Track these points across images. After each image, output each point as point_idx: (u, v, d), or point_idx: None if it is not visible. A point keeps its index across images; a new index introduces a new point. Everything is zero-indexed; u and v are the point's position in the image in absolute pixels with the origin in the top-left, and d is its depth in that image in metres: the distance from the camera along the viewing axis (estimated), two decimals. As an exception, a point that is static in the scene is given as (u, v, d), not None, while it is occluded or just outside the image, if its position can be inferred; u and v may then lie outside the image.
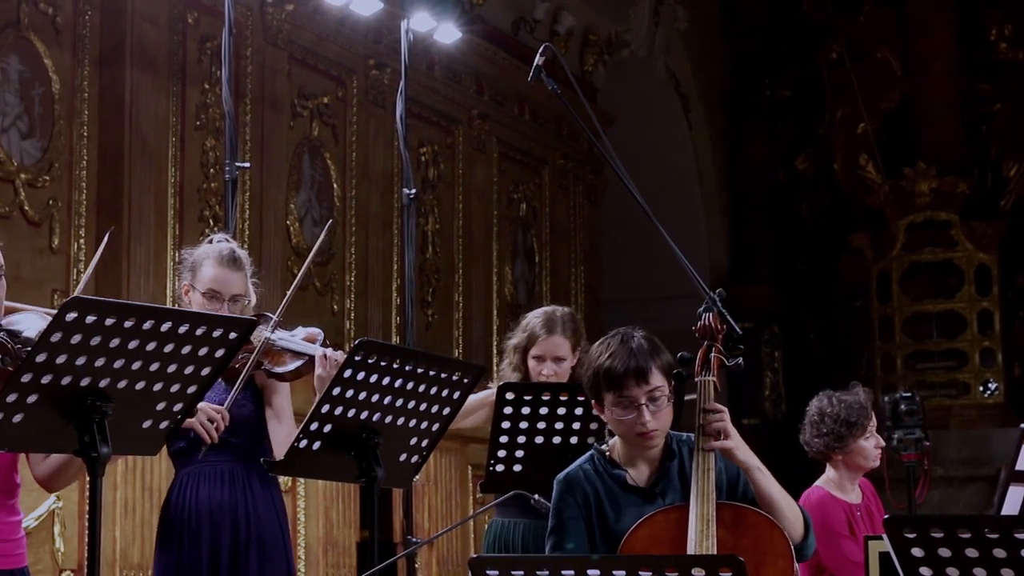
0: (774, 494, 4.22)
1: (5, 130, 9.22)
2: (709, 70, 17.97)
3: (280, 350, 5.19)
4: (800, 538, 4.26)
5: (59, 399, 3.69)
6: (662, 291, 14.99)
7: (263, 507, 5.26)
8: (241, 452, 5.23)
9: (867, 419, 6.45)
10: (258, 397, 5.30)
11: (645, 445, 4.29)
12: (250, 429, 5.27)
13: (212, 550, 5.17)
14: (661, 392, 4.24)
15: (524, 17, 14.44)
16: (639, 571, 3.48)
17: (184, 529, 5.21)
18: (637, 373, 4.22)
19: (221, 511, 5.19)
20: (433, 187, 13.12)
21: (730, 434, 4.22)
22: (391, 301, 12.25)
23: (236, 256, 5.32)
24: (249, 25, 10.80)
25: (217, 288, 5.24)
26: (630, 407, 4.24)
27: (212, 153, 10.39)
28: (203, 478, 5.22)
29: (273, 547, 5.26)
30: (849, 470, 6.52)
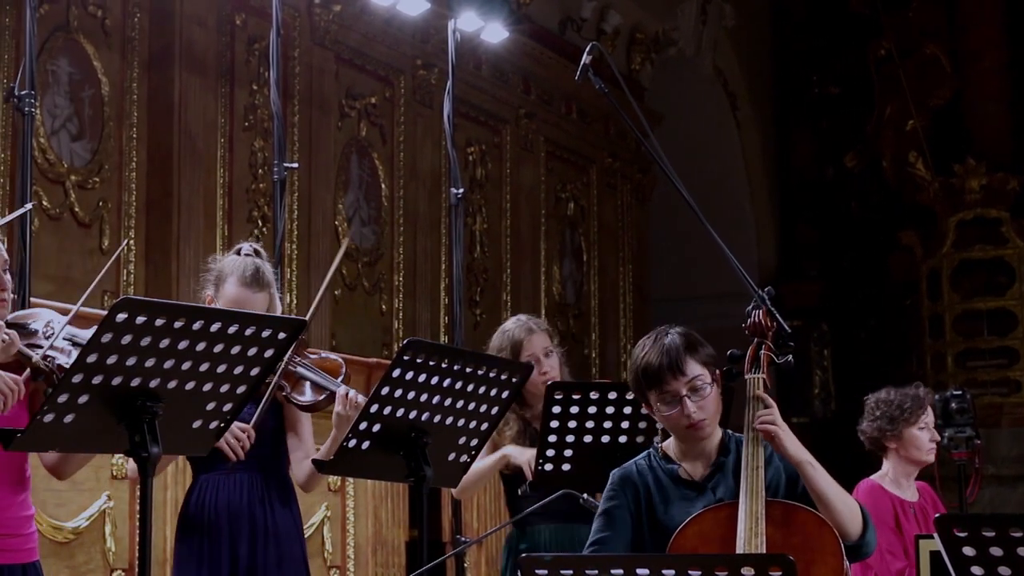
0: (827, 490, 4.19)
1: (55, 132, 9.27)
2: (757, 67, 17.92)
3: (301, 378, 5.16)
4: (858, 534, 4.22)
5: (110, 399, 3.71)
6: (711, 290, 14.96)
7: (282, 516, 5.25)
8: (260, 463, 5.22)
9: (920, 408, 6.48)
10: (278, 411, 5.29)
11: (696, 436, 4.30)
12: (269, 441, 5.25)
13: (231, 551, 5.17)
14: (702, 381, 4.25)
15: (571, 16, 14.43)
16: (689, 570, 3.48)
17: (204, 529, 5.20)
18: (672, 366, 4.24)
19: (240, 516, 5.18)
20: (481, 187, 13.12)
21: (778, 426, 4.21)
22: (439, 301, 12.26)
23: (259, 276, 5.23)
24: (296, 26, 10.83)
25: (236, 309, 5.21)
26: (673, 401, 4.26)
27: (260, 154, 10.42)
28: (222, 485, 5.22)
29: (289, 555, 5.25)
30: (903, 463, 6.52)
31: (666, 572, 3.47)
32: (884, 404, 6.54)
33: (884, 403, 6.54)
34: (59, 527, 7.33)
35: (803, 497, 4.24)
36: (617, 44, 15.03)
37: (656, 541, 4.26)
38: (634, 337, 14.54)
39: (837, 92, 18.27)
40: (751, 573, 3.47)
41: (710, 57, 16.84)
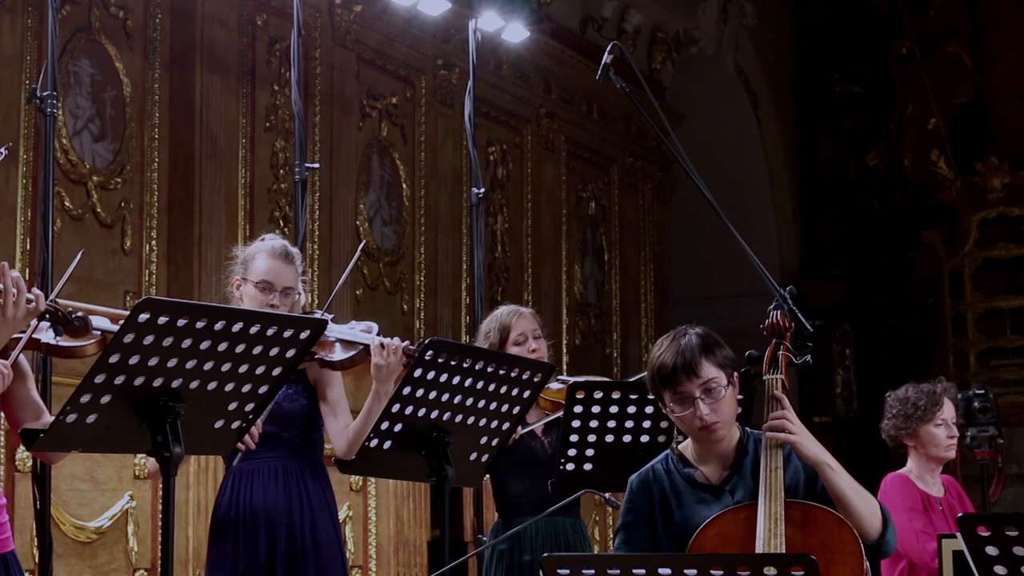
0: (846, 490, 4.17)
1: (77, 133, 9.29)
2: (778, 66, 17.90)
3: (332, 341, 5.21)
4: (878, 534, 4.20)
5: (132, 399, 3.72)
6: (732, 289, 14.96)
7: (318, 505, 5.27)
8: (293, 447, 5.24)
9: (936, 405, 6.47)
10: (310, 391, 5.31)
11: (709, 439, 4.28)
12: (302, 423, 5.27)
13: (268, 555, 5.18)
14: (717, 383, 4.22)
15: (592, 15, 14.43)
16: (711, 569, 3.47)
17: (239, 530, 5.21)
18: (686, 368, 4.21)
19: (276, 512, 5.19)
20: (502, 186, 13.12)
21: (793, 430, 4.19)
22: (460, 300, 12.26)
23: (288, 251, 5.36)
24: (317, 26, 10.84)
25: (270, 279, 5.26)
26: (686, 402, 4.23)
27: (282, 154, 10.44)
28: (256, 475, 5.22)
29: (329, 552, 5.26)
30: (924, 460, 6.52)
31: (688, 572, 3.47)
32: (900, 402, 6.54)
33: (900, 401, 6.54)
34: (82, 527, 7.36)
35: (822, 497, 4.22)
36: (638, 43, 15.02)
37: (673, 544, 4.25)
38: (655, 337, 14.52)
39: (859, 91, 18.25)
40: (773, 573, 3.47)
41: (731, 56, 16.82)
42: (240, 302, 5.31)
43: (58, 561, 6.74)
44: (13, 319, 3.90)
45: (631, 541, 4.32)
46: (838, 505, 4.17)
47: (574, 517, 6.26)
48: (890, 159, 18.01)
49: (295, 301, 5.38)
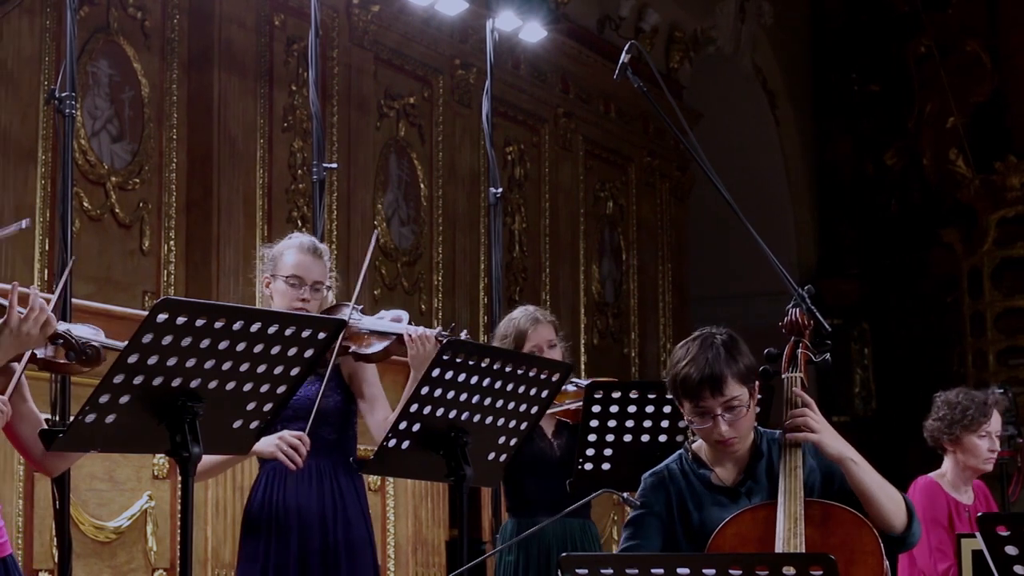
0: (870, 484, 4.15)
1: (96, 134, 9.31)
2: (796, 65, 17.87)
3: (365, 333, 5.20)
4: (903, 527, 4.19)
5: (151, 399, 3.72)
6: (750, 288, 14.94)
7: (350, 503, 5.27)
8: (328, 444, 5.23)
9: (984, 416, 6.42)
10: (345, 388, 5.31)
11: (724, 452, 4.27)
12: (337, 421, 5.27)
13: (301, 554, 5.18)
14: (739, 402, 4.18)
15: (609, 15, 14.42)
16: (730, 569, 3.47)
17: (272, 529, 5.21)
18: (712, 384, 4.15)
19: (309, 512, 5.20)
20: (520, 186, 13.12)
21: (815, 427, 4.18)
22: (478, 300, 12.26)
23: (317, 246, 5.39)
24: (335, 27, 10.85)
25: (300, 274, 5.27)
26: (706, 416, 4.19)
27: (300, 154, 10.45)
28: (289, 475, 5.22)
29: (361, 548, 5.26)
30: (961, 468, 6.48)
31: (707, 571, 3.47)
32: (948, 406, 6.47)
33: (949, 404, 6.48)
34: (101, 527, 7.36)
35: (839, 496, 4.21)
36: (655, 43, 15.01)
37: (692, 547, 4.24)
38: (674, 336, 14.52)
39: (877, 90, 18.21)
40: (792, 572, 3.46)
41: (749, 55, 16.80)
42: (271, 300, 5.32)
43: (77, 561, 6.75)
44: (28, 336, 3.89)
45: (642, 536, 4.31)
46: (862, 499, 4.15)
47: (584, 518, 6.25)
48: (908, 158, 17.97)
49: (324, 297, 5.38)
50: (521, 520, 6.15)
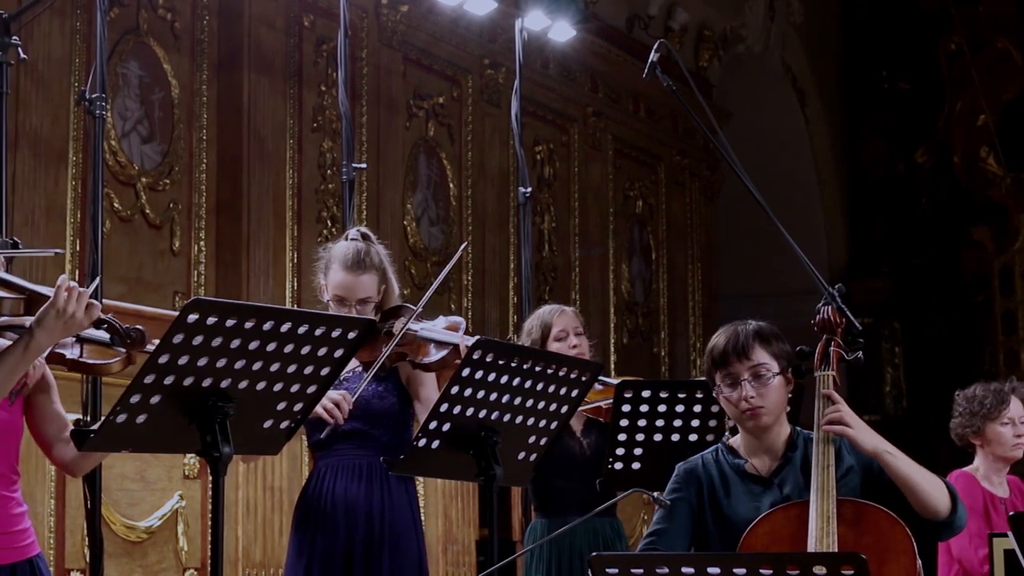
0: (910, 473, 4.16)
1: (126, 135, 9.34)
2: (825, 63, 17.82)
3: (423, 340, 5.19)
4: (948, 511, 4.19)
5: (181, 400, 3.73)
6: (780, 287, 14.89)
7: (398, 500, 5.27)
8: (381, 446, 5.22)
9: (1003, 404, 6.44)
10: (402, 391, 5.30)
11: (753, 424, 4.28)
12: (392, 423, 5.26)
13: (347, 543, 5.19)
14: (766, 369, 4.26)
15: (638, 14, 14.41)
16: (760, 568, 3.46)
17: (319, 519, 5.22)
18: (737, 349, 4.28)
19: (356, 505, 5.21)
20: (549, 185, 13.12)
21: (850, 422, 4.19)
22: (508, 300, 12.26)
23: (361, 259, 5.26)
24: (364, 27, 10.86)
25: (342, 294, 5.23)
26: (734, 384, 4.27)
27: (329, 155, 10.46)
28: (341, 471, 5.23)
29: (406, 539, 5.26)
30: (991, 459, 6.49)
31: (737, 571, 3.46)
32: (967, 400, 6.52)
33: (967, 399, 6.52)
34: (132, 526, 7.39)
35: (886, 488, 4.21)
36: (685, 41, 14.99)
37: (721, 535, 4.27)
38: (703, 335, 14.50)
39: (907, 87, 18.14)
40: (823, 572, 3.45)
41: (778, 53, 16.76)
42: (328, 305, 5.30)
43: (109, 560, 6.77)
44: (73, 318, 3.91)
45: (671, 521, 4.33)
46: (904, 489, 4.15)
47: (611, 516, 6.25)
48: (939, 156, 17.91)
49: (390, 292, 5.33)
50: (550, 520, 6.15)
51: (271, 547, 8.02)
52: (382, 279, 5.32)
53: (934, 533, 4.26)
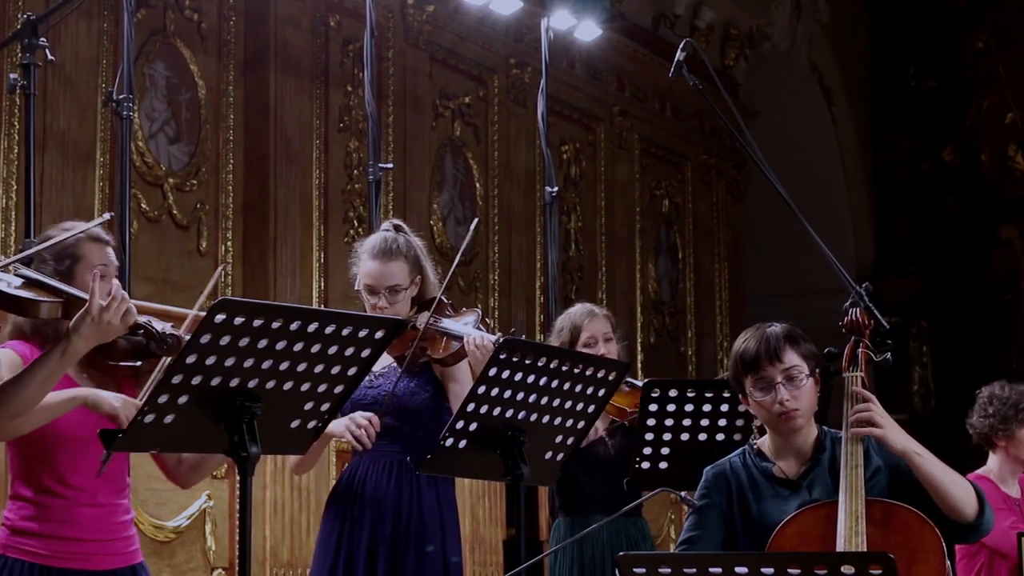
0: (938, 474, 4.15)
1: (153, 135, 9.37)
2: (852, 62, 17.78)
3: (439, 335, 5.20)
4: (975, 513, 4.17)
5: (209, 400, 3.73)
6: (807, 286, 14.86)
7: (427, 499, 5.27)
8: (413, 441, 5.23)
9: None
10: (437, 385, 5.31)
11: (788, 427, 4.26)
12: (422, 417, 5.26)
13: (371, 539, 5.19)
14: (799, 371, 4.23)
15: (664, 13, 14.39)
16: (788, 568, 3.45)
17: (347, 514, 5.24)
18: (770, 353, 4.23)
19: (384, 502, 5.21)
20: (575, 185, 13.12)
21: (879, 422, 4.17)
22: (535, 299, 12.26)
23: (388, 247, 5.29)
24: (390, 27, 10.87)
25: (371, 283, 5.26)
26: (767, 388, 4.24)
27: (355, 155, 10.47)
28: (373, 467, 5.24)
29: (433, 540, 5.27)
30: (1011, 461, 6.46)
31: (765, 570, 3.46)
32: (998, 401, 6.44)
33: (998, 400, 6.45)
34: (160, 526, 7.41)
35: (913, 488, 4.19)
36: (711, 40, 14.97)
37: (750, 539, 4.24)
38: (730, 334, 14.48)
39: (934, 86, 18.09)
40: (851, 572, 3.44)
41: (805, 52, 16.73)
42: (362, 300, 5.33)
43: (137, 560, 6.79)
44: (109, 325, 3.94)
45: (702, 527, 4.31)
46: (931, 490, 4.13)
47: (636, 516, 6.24)
48: (966, 154, 17.85)
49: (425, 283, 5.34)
50: (575, 519, 6.14)
51: (299, 547, 8.03)
52: (414, 268, 5.33)
53: (961, 535, 4.24)
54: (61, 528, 4.19)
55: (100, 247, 4.27)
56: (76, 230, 4.25)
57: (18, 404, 3.97)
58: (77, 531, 4.20)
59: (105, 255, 4.26)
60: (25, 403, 3.97)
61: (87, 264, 4.19)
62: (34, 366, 3.98)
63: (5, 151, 8.58)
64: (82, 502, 4.21)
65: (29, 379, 3.96)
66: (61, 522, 4.19)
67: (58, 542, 4.18)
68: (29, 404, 3.99)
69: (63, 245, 4.21)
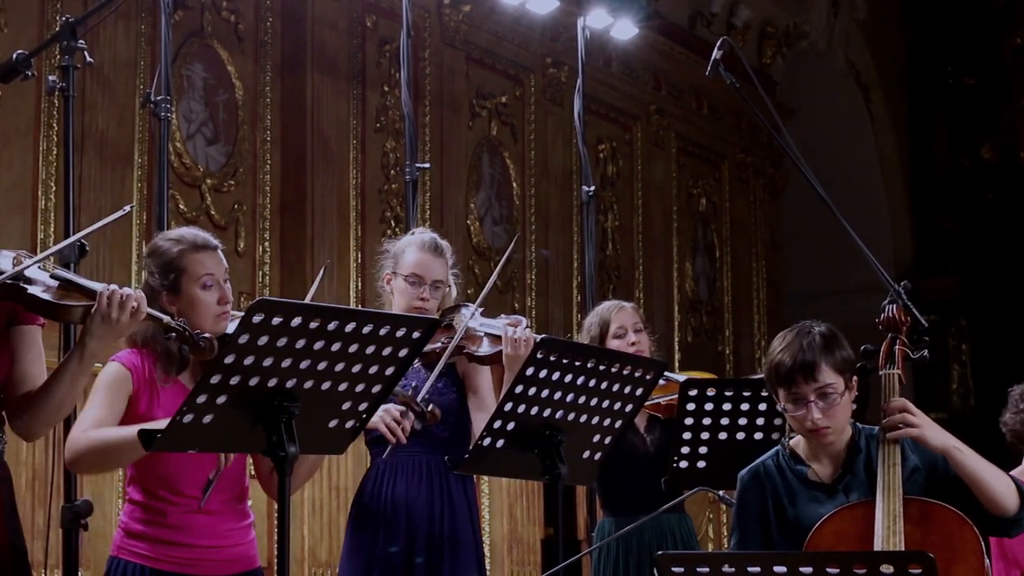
0: (979, 469, 4.11)
1: (191, 137, 9.40)
2: (890, 59, 17.71)
3: (481, 335, 5.21)
4: (1017, 507, 4.14)
5: (247, 400, 3.74)
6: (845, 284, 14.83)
7: (458, 500, 5.28)
8: (441, 442, 5.23)
9: None
10: (460, 386, 5.32)
11: (818, 442, 4.23)
12: (452, 418, 5.27)
13: (408, 542, 5.20)
14: (833, 390, 4.15)
15: (701, 11, 14.37)
16: (827, 567, 3.44)
17: (379, 522, 5.23)
18: (805, 370, 4.14)
19: (418, 508, 5.21)
20: (612, 184, 13.11)
21: (915, 422, 4.14)
22: (572, 299, 12.26)
23: (438, 244, 5.36)
24: (427, 27, 10.88)
25: (420, 272, 5.27)
26: (800, 403, 4.17)
27: (392, 155, 10.49)
28: (400, 470, 5.24)
29: (465, 541, 5.27)
30: None
31: (804, 570, 3.44)
32: None
33: None
34: (199, 526, 7.40)
35: (941, 495, 4.17)
36: (748, 38, 14.94)
37: (786, 543, 4.21)
38: (768, 333, 14.45)
39: (972, 83, 18.01)
40: (890, 571, 3.43)
41: (842, 50, 16.68)
42: (391, 297, 5.34)
43: (176, 560, 6.80)
44: (118, 322, 3.97)
45: (746, 539, 4.29)
46: (972, 486, 4.10)
47: (680, 512, 6.23)
48: (1005, 152, 17.77)
49: (446, 294, 5.38)
50: (617, 518, 6.14)
51: (336, 546, 8.04)
52: (450, 272, 5.37)
53: (1002, 529, 4.22)
54: (171, 533, 4.22)
55: (202, 257, 4.28)
56: (96, 225, 4.29)
57: (50, 409, 4.05)
58: (187, 537, 4.23)
59: (206, 266, 4.26)
60: (58, 408, 4.06)
61: (191, 276, 4.22)
62: (58, 372, 4.04)
63: (44, 153, 8.62)
64: (192, 508, 4.24)
65: (56, 386, 4.04)
66: (171, 528, 4.23)
67: (167, 547, 4.22)
68: (62, 406, 4.07)
69: (167, 259, 4.24)
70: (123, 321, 3.97)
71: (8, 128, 8.52)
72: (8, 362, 4.06)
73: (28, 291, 3.95)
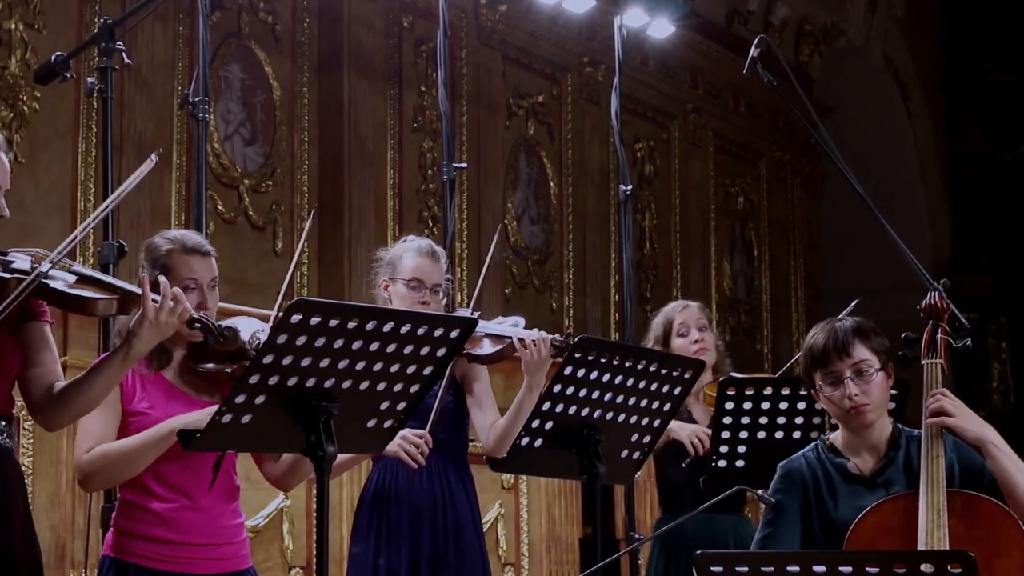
0: (1011, 468, 4.09)
1: (229, 137, 9.42)
2: (928, 57, 17.64)
3: (480, 336, 5.22)
4: None
5: (286, 400, 3.74)
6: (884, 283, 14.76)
7: (459, 496, 5.29)
8: (439, 444, 5.24)
9: None
10: (457, 388, 5.34)
11: (858, 422, 4.22)
12: (451, 421, 5.30)
13: (411, 558, 5.21)
14: (868, 365, 4.20)
15: (738, 9, 14.34)
16: (866, 567, 3.43)
17: (380, 531, 5.25)
18: (838, 347, 4.21)
19: (420, 506, 5.22)
20: (649, 183, 13.09)
21: (952, 411, 4.12)
22: (609, 298, 12.25)
23: (435, 249, 5.40)
24: (463, 27, 10.89)
25: (420, 277, 5.30)
26: (836, 382, 4.21)
27: (429, 155, 10.50)
28: (401, 470, 5.25)
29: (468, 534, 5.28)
30: None
31: (843, 569, 3.43)
32: None
33: None
34: (238, 526, 7.42)
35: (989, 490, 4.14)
36: (785, 36, 14.90)
37: (827, 537, 4.21)
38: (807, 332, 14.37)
39: (1011, 80, 17.92)
40: (930, 570, 3.41)
41: (880, 47, 16.62)
42: (388, 303, 5.35)
43: (215, 560, 6.82)
44: (166, 324, 3.97)
45: (777, 526, 4.29)
46: (1003, 484, 4.07)
47: (736, 515, 6.22)
48: (1044, 149, 17.69)
49: (440, 300, 5.40)
50: (674, 517, 6.12)
51: (375, 546, 8.03)
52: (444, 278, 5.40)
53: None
54: (163, 532, 4.23)
55: (190, 260, 4.30)
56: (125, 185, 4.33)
57: (81, 406, 4.04)
58: (179, 535, 4.24)
59: (192, 270, 4.28)
60: (89, 404, 4.05)
61: (175, 277, 4.21)
62: (97, 370, 4.03)
63: (83, 154, 8.66)
64: (185, 506, 4.25)
65: (93, 383, 4.01)
66: (163, 526, 4.23)
67: (160, 545, 4.23)
68: (92, 404, 4.06)
69: (155, 256, 4.27)
70: (171, 323, 3.99)
71: (47, 130, 8.55)
72: (22, 357, 4.06)
73: (50, 286, 3.96)
